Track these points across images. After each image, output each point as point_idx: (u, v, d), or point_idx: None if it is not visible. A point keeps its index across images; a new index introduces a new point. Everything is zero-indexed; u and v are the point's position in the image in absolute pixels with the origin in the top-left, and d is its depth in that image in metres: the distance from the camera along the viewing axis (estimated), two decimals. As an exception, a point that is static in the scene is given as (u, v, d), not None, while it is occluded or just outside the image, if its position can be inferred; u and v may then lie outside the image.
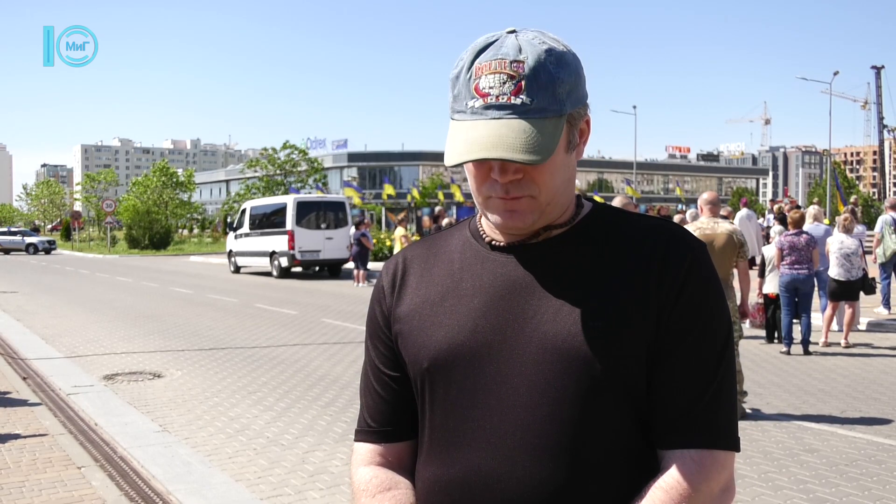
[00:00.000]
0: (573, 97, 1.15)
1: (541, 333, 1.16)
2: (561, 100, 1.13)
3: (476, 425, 1.18)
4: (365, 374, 1.37)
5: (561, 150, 1.15)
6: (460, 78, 1.16)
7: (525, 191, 1.15)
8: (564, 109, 1.14)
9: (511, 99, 1.11)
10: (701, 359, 1.16)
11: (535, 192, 1.15)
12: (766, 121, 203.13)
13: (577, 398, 1.13)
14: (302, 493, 4.87)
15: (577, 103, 1.17)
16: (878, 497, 4.66)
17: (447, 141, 1.16)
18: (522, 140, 1.09)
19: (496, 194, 1.16)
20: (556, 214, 1.21)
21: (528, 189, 1.15)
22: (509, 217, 1.17)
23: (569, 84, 1.14)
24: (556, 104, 1.13)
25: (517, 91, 1.11)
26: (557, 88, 1.13)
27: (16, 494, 4.70)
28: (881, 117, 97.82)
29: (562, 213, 1.22)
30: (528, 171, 1.14)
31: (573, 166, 1.22)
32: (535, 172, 1.14)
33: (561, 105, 1.13)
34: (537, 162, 1.09)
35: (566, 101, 1.14)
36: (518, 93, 1.11)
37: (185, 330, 12.22)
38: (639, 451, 1.17)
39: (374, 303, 1.36)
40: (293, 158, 51.15)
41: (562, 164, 1.17)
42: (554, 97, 1.12)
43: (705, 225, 6.62)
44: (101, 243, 53.14)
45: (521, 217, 1.17)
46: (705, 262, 1.20)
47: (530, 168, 1.13)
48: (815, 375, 8.21)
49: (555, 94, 1.12)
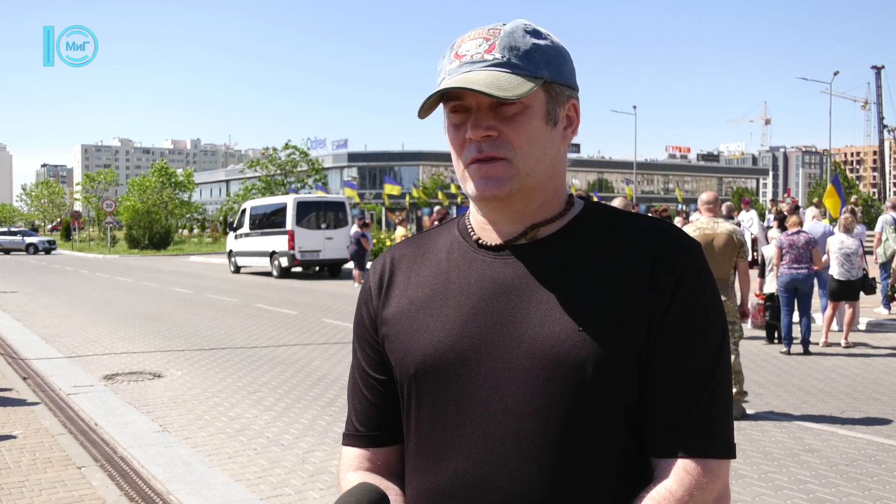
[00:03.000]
0: (553, 68, 1.15)
1: (529, 338, 1.13)
2: (536, 63, 1.13)
3: (463, 432, 1.15)
4: (352, 378, 1.34)
5: (538, 115, 1.14)
6: (445, 57, 1.18)
7: (499, 150, 1.13)
8: (540, 73, 1.13)
9: (484, 56, 1.13)
10: (695, 363, 1.13)
11: (509, 154, 1.13)
12: (766, 121, 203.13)
13: (567, 404, 1.10)
14: (302, 493, 4.87)
15: (559, 77, 1.16)
16: (878, 497, 4.66)
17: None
18: (489, 80, 1.10)
19: (471, 156, 1.14)
20: (537, 198, 1.18)
21: (503, 149, 1.13)
22: (485, 184, 1.14)
23: (546, 54, 1.14)
24: (531, 65, 1.13)
25: (490, 49, 1.13)
26: (532, 53, 1.13)
27: (16, 494, 4.70)
28: (881, 117, 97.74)
29: (544, 201, 1.20)
30: (502, 129, 1.13)
31: (556, 146, 1.18)
32: (508, 131, 1.13)
33: (536, 67, 1.13)
34: (503, 97, 1.08)
35: (543, 66, 1.14)
36: (491, 50, 1.13)
37: (185, 330, 12.22)
38: (630, 459, 1.14)
39: (360, 304, 1.33)
40: (293, 159, 51.13)
41: (539, 131, 1.15)
42: (528, 59, 1.13)
43: (705, 225, 6.61)
44: (101, 243, 53.11)
45: (497, 183, 1.14)
46: (700, 263, 1.16)
47: (504, 126, 1.12)
48: (815, 375, 8.21)
49: (529, 57, 1.13)
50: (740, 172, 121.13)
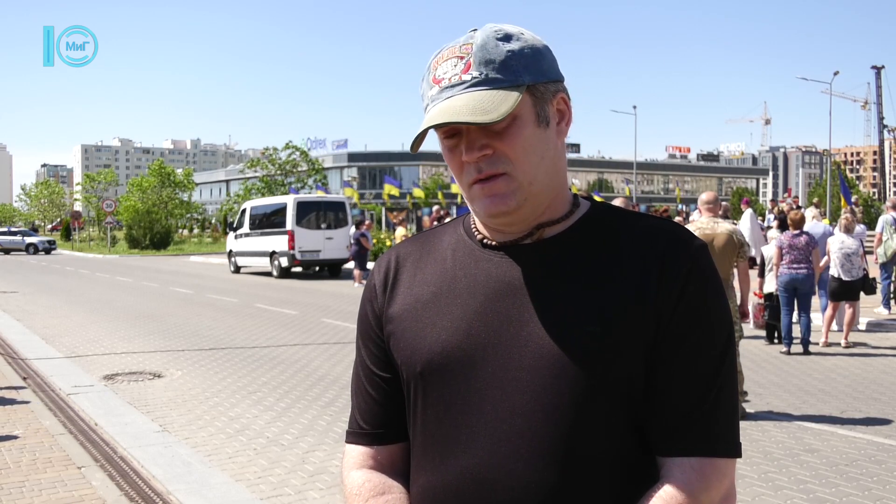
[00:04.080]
0: (533, 70, 1.13)
1: (536, 337, 1.13)
2: (515, 70, 1.12)
3: (469, 431, 1.15)
4: (356, 375, 1.34)
5: (528, 122, 1.13)
6: (424, 80, 1.17)
7: (497, 166, 1.12)
8: (520, 80, 1.11)
9: (462, 77, 1.11)
10: (701, 362, 1.13)
11: (508, 168, 1.12)
12: (766, 121, 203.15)
13: (573, 403, 1.10)
14: (302, 493, 4.87)
15: (540, 76, 1.14)
16: (878, 497, 4.66)
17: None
18: (471, 105, 1.08)
19: (472, 177, 1.14)
20: (544, 200, 1.18)
21: (500, 164, 1.12)
22: (491, 203, 1.13)
23: (524, 57, 1.13)
24: (510, 74, 1.11)
25: (466, 68, 1.12)
26: (509, 60, 1.12)
27: (16, 494, 4.70)
28: (881, 117, 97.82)
29: (550, 202, 1.19)
30: (495, 145, 1.12)
31: (552, 145, 1.17)
32: (501, 145, 1.11)
33: (515, 75, 1.11)
34: (486, 122, 1.07)
35: (523, 72, 1.12)
36: (467, 70, 1.11)
37: (185, 330, 12.22)
38: (636, 459, 1.14)
39: (365, 302, 1.32)
40: (293, 159, 51.14)
41: (533, 137, 1.13)
42: (506, 68, 1.11)
43: (705, 225, 6.61)
44: (101, 243, 53.10)
45: (502, 200, 1.13)
46: (707, 263, 1.16)
47: (496, 142, 1.11)
48: (815, 375, 8.21)
49: (506, 66, 1.11)
50: (740, 172, 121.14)
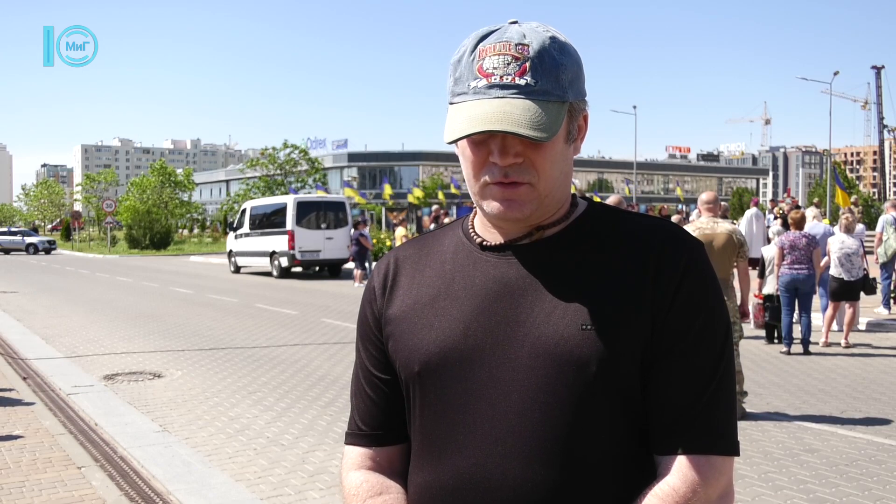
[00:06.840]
0: (575, 87, 1.15)
1: (533, 337, 1.13)
2: (564, 86, 1.12)
3: (467, 431, 1.15)
4: (356, 377, 1.35)
5: (561, 138, 1.14)
6: (462, 61, 1.15)
7: (524, 176, 1.12)
8: (567, 96, 1.13)
9: (515, 79, 1.10)
10: (698, 360, 1.13)
11: (533, 179, 1.13)
12: (766, 121, 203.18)
13: (570, 403, 1.11)
14: (302, 493, 4.87)
15: (578, 94, 1.16)
16: (878, 497, 4.66)
17: (447, 122, 1.14)
18: (528, 117, 1.07)
19: (494, 179, 1.13)
20: (551, 210, 1.19)
21: (528, 175, 1.12)
22: (507, 206, 1.14)
23: (571, 72, 1.13)
24: (560, 89, 1.12)
25: (522, 72, 1.10)
26: (561, 74, 1.12)
27: (16, 494, 4.70)
28: (881, 117, 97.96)
29: (556, 210, 1.20)
30: (528, 155, 1.12)
31: (570, 161, 1.20)
32: (535, 157, 1.12)
33: (564, 91, 1.12)
34: (543, 139, 1.07)
35: (569, 88, 1.13)
36: (523, 73, 1.10)
37: (185, 330, 12.22)
38: (634, 457, 1.15)
39: (364, 304, 1.34)
40: (293, 158, 51.14)
41: (561, 153, 1.15)
42: (557, 82, 1.11)
43: (705, 225, 6.62)
44: (101, 243, 53.10)
45: (519, 207, 1.14)
46: (703, 261, 1.17)
47: (531, 152, 1.12)
48: (815, 375, 8.21)
49: (558, 79, 1.11)
50: (740, 172, 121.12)
